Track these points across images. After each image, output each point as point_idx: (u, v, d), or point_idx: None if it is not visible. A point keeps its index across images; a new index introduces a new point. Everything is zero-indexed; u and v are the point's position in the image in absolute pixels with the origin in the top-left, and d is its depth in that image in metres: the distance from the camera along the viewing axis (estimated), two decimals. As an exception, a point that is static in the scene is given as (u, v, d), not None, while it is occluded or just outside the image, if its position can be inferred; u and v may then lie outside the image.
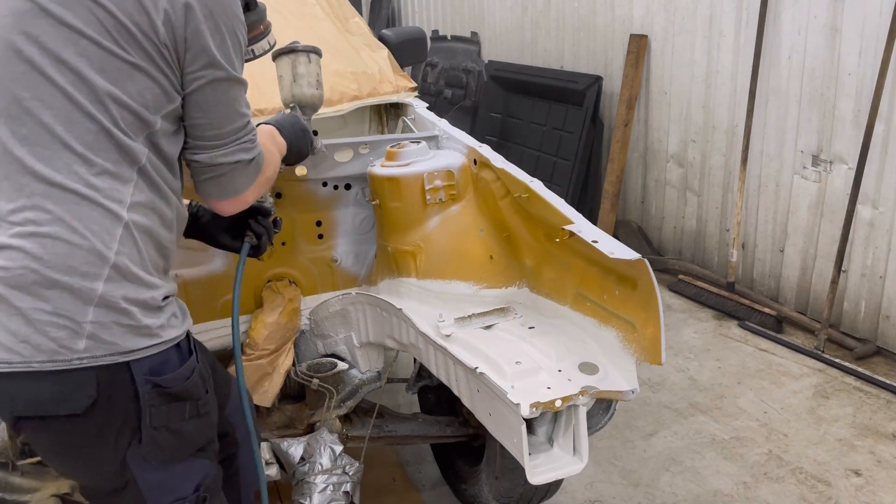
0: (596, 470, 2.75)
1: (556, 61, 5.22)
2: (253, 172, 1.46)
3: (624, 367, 1.59)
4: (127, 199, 1.27)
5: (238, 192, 1.45)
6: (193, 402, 1.37)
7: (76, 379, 1.23)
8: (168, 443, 1.34)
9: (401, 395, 2.98)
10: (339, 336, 2.15)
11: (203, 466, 1.42)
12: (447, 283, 1.95)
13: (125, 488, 1.35)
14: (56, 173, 1.22)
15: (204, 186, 1.44)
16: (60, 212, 1.22)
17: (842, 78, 3.34)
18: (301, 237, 2.15)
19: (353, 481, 2.02)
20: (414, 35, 3.05)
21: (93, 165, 1.24)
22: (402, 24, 7.52)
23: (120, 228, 1.26)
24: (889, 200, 3.26)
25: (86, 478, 1.38)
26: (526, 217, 1.88)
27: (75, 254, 1.22)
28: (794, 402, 3.14)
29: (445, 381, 1.78)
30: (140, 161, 1.29)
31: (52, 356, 1.21)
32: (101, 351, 1.23)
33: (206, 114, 1.36)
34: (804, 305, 3.76)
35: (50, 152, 1.23)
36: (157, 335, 1.30)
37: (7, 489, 1.84)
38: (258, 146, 1.46)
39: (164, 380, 1.31)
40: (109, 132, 1.25)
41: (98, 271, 1.23)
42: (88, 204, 1.23)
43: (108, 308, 1.24)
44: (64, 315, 1.21)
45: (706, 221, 4.29)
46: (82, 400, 1.24)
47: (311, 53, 1.89)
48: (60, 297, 1.21)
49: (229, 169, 1.41)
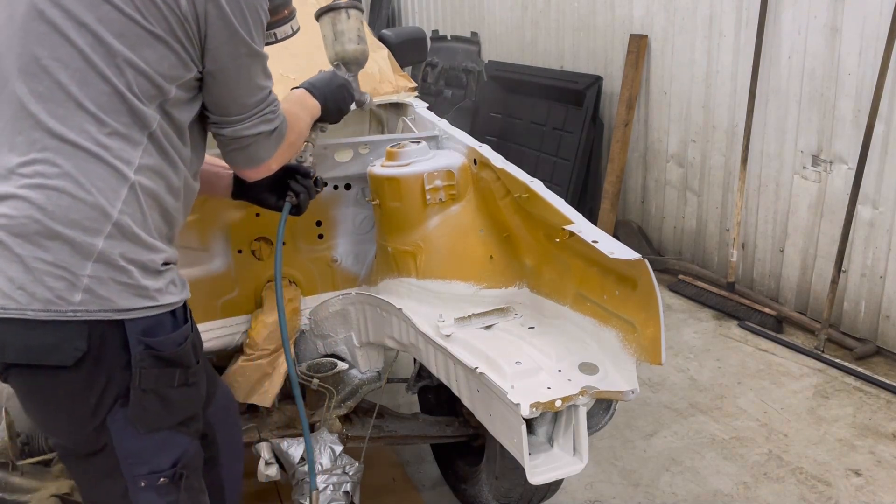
0: (596, 470, 2.75)
1: (556, 61, 5.22)
2: (275, 142, 1.52)
3: (624, 367, 1.59)
4: (135, 161, 1.30)
5: (262, 160, 1.53)
6: (183, 370, 1.38)
7: (68, 330, 1.25)
8: (154, 408, 1.35)
9: (401, 395, 2.98)
10: (339, 336, 2.15)
11: (183, 441, 1.42)
12: (447, 283, 1.95)
13: (101, 452, 1.35)
14: (68, 131, 1.25)
15: (230, 157, 1.52)
16: (69, 167, 1.25)
17: (842, 78, 3.34)
18: (301, 237, 2.15)
19: (353, 481, 2.02)
20: (414, 35, 3.05)
21: (104, 126, 1.27)
22: (402, 24, 7.52)
23: (125, 188, 1.28)
24: (889, 200, 3.26)
25: (64, 435, 1.39)
26: (526, 217, 1.87)
27: (79, 208, 1.24)
28: (794, 402, 3.14)
29: (445, 381, 1.78)
30: (151, 126, 1.32)
31: (48, 306, 1.23)
32: (95, 306, 1.25)
33: (227, 89, 1.41)
34: (804, 305, 3.76)
35: (64, 111, 1.26)
36: (154, 298, 1.32)
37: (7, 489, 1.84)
38: (279, 115, 1.52)
39: (156, 342, 1.32)
40: (123, 95, 1.28)
41: (100, 227, 1.26)
42: (97, 161, 1.26)
43: (107, 264, 1.26)
44: (63, 266, 1.23)
45: (706, 221, 4.29)
46: (72, 352, 1.25)
47: (351, 9, 1.90)
48: (61, 248, 1.24)
49: (252, 140, 1.48)
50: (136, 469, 1.37)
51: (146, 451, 1.37)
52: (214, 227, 2.02)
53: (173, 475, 1.40)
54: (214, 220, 2.01)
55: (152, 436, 1.37)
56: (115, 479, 1.37)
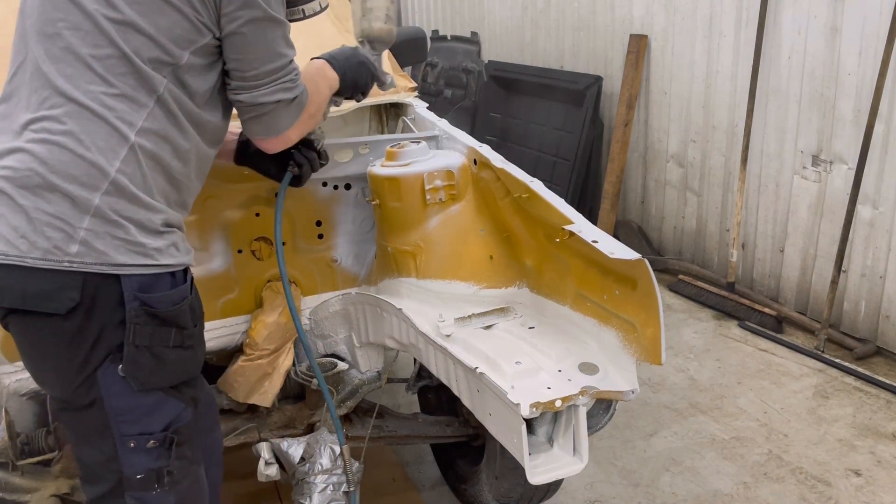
0: (596, 470, 2.75)
1: (556, 61, 5.22)
2: (295, 111, 1.52)
3: (624, 367, 1.59)
4: (138, 123, 1.33)
5: (280, 130, 1.53)
6: (179, 331, 1.40)
7: (63, 280, 1.29)
8: (148, 365, 1.37)
9: (401, 395, 2.98)
10: (339, 336, 2.15)
11: (176, 406, 1.43)
12: (447, 283, 1.95)
13: (91, 407, 1.37)
14: (75, 90, 1.30)
15: (248, 125, 1.52)
16: (73, 125, 1.29)
17: (842, 78, 3.34)
18: (301, 237, 2.15)
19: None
20: (414, 35, 3.05)
21: (111, 87, 1.31)
22: (402, 24, 7.52)
23: (125, 149, 1.32)
24: (889, 200, 3.26)
25: (54, 386, 1.41)
26: (526, 217, 1.87)
27: (78, 164, 1.29)
28: (794, 402, 3.14)
29: (445, 381, 1.78)
30: (158, 90, 1.35)
31: (46, 255, 1.27)
32: (91, 258, 1.29)
33: (245, 54, 1.41)
34: (804, 305, 3.76)
35: (73, 70, 1.31)
36: (152, 256, 1.35)
37: (7, 489, 1.84)
38: (300, 85, 1.51)
39: (151, 298, 1.34)
40: (130, 59, 1.32)
41: (97, 183, 1.30)
42: (99, 121, 1.30)
43: (103, 219, 1.30)
44: (61, 218, 1.28)
45: (706, 221, 4.29)
46: (65, 301, 1.29)
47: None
48: (61, 201, 1.28)
49: (271, 108, 1.48)
50: (125, 428, 1.38)
51: (137, 410, 1.38)
52: (214, 227, 2.02)
53: (164, 439, 1.41)
54: (214, 220, 2.01)
55: (145, 396, 1.38)
56: (104, 438, 1.39)
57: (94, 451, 1.42)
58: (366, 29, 1.87)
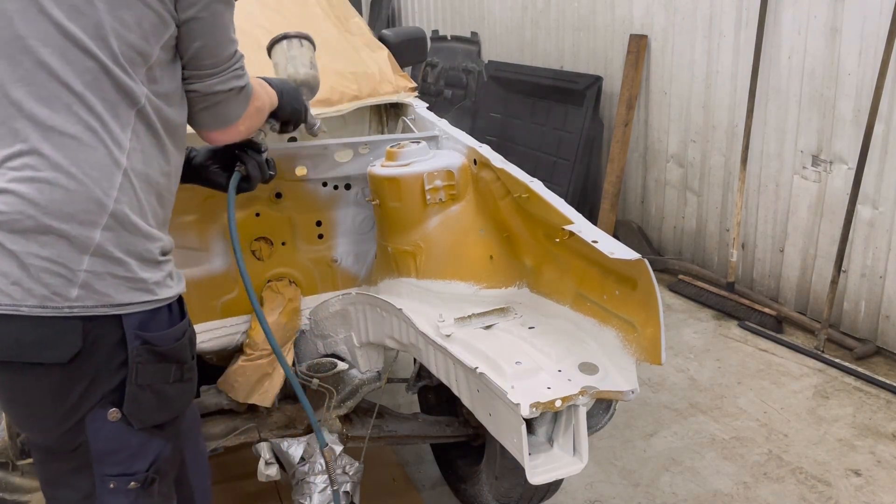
0: (596, 470, 2.75)
1: (556, 61, 5.22)
2: (244, 100, 1.46)
3: (624, 367, 1.59)
4: (126, 143, 1.25)
5: (230, 120, 1.46)
6: (179, 366, 1.34)
7: (63, 326, 1.21)
8: (150, 404, 1.32)
9: (401, 395, 2.98)
10: (339, 336, 2.15)
11: (158, 444, 1.37)
12: (447, 283, 1.95)
13: (75, 451, 1.31)
14: (54, 114, 1.20)
15: (199, 118, 1.43)
16: (59, 157, 1.19)
17: (842, 78, 3.34)
18: (301, 237, 2.15)
19: (353, 481, 2.02)
20: (414, 35, 3.05)
21: (92, 107, 1.21)
22: (402, 24, 7.52)
23: (119, 175, 1.23)
24: (889, 200, 3.26)
25: (39, 432, 1.34)
26: (526, 217, 1.87)
27: (74, 200, 1.19)
28: (794, 402, 3.14)
29: (445, 381, 1.78)
30: (139, 102, 1.26)
31: (44, 302, 1.19)
32: (92, 301, 1.22)
33: (203, 40, 1.34)
34: (804, 305, 3.76)
35: (48, 92, 1.20)
36: (152, 291, 1.29)
37: (7, 489, 1.84)
38: (246, 73, 1.45)
39: (154, 337, 1.28)
40: (108, 70, 1.22)
41: (96, 219, 1.21)
42: (87, 149, 1.21)
43: (105, 258, 1.22)
44: (59, 262, 1.19)
45: (706, 221, 4.29)
46: (66, 349, 1.22)
47: (303, 39, 1.91)
48: (57, 243, 1.19)
49: (224, 97, 1.41)
50: (108, 469, 1.32)
51: (122, 452, 1.33)
52: (214, 227, 2.02)
53: (145, 479, 1.35)
54: (214, 220, 2.01)
55: (132, 436, 1.32)
56: (82, 477, 1.33)
57: (69, 491, 1.35)
58: (291, 73, 1.87)
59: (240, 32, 1.44)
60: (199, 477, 1.67)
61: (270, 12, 2.54)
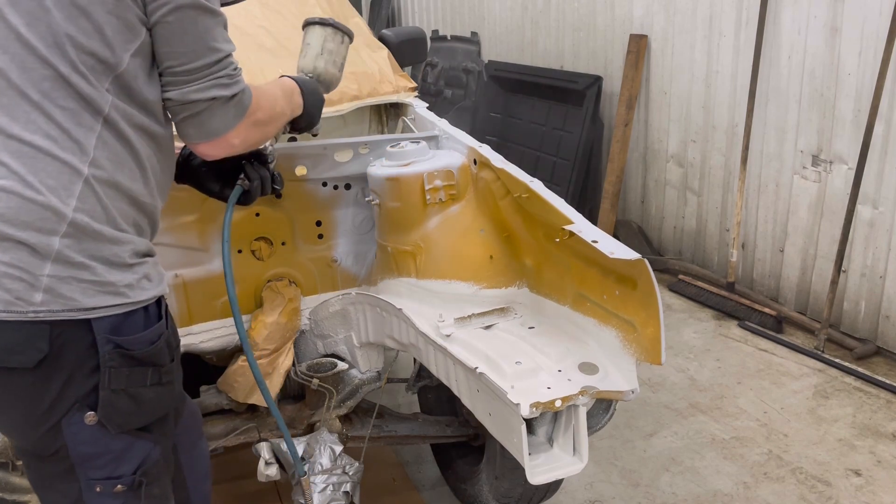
0: (596, 470, 2.75)
1: (556, 61, 5.22)
2: (234, 113, 1.35)
3: (624, 367, 1.59)
4: (90, 151, 1.22)
5: (218, 132, 1.35)
6: (156, 369, 1.31)
7: (28, 331, 1.20)
8: (126, 408, 1.29)
9: (401, 395, 2.98)
10: (339, 336, 2.15)
11: (145, 447, 1.35)
12: (447, 283, 1.95)
13: (55, 455, 1.30)
14: (14, 123, 1.18)
15: (182, 127, 1.35)
16: (17, 165, 1.18)
17: (842, 78, 3.34)
18: (301, 237, 2.15)
19: (353, 481, 2.02)
20: (414, 35, 3.04)
21: (51, 115, 1.19)
22: (402, 24, 7.52)
23: (79, 184, 1.21)
24: (889, 200, 3.26)
25: (17, 435, 1.33)
26: (526, 217, 1.87)
27: (30, 209, 1.18)
28: (794, 402, 3.14)
29: (445, 381, 1.78)
30: (103, 110, 1.23)
31: (8, 307, 1.18)
32: (58, 305, 1.20)
33: (171, 46, 1.27)
34: (804, 305, 3.76)
35: (7, 100, 1.18)
36: (123, 294, 1.25)
37: (7, 489, 1.84)
38: (240, 83, 1.35)
39: (126, 341, 1.26)
40: (67, 79, 1.19)
41: (54, 227, 1.19)
42: (45, 157, 1.19)
43: (66, 263, 1.20)
44: (19, 267, 1.18)
45: (706, 221, 4.29)
46: (32, 354, 1.20)
47: (346, 35, 1.83)
48: (16, 249, 1.18)
49: (205, 106, 1.32)
50: (92, 473, 1.31)
51: (105, 456, 1.31)
52: (214, 227, 2.02)
53: (132, 482, 1.33)
54: (214, 220, 2.01)
55: (112, 441, 1.30)
56: (69, 482, 1.31)
57: (58, 495, 1.34)
58: (318, 67, 1.79)
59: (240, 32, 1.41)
60: (197, 480, 1.66)
61: (270, 12, 2.54)
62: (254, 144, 1.49)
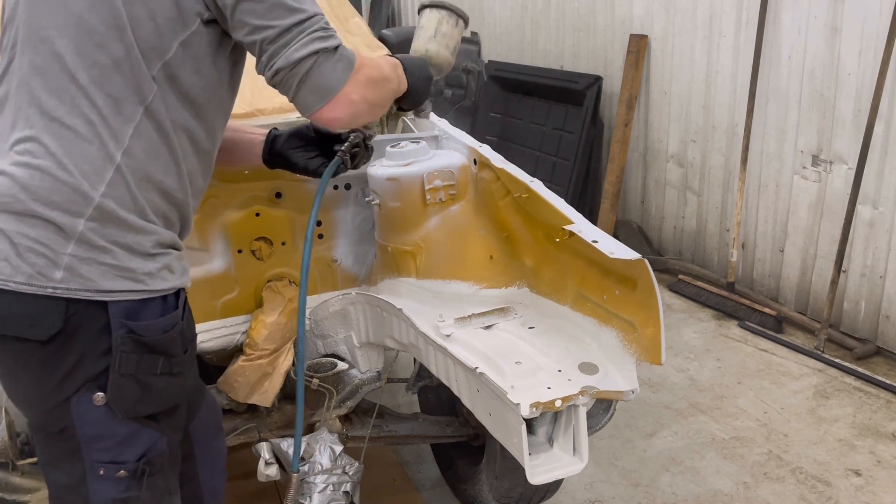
0: (596, 470, 2.75)
1: (556, 61, 5.22)
2: (343, 65, 1.32)
3: (624, 367, 1.59)
4: (125, 140, 1.26)
5: (334, 89, 1.32)
6: (168, 359, 1.33)
7: (46, 306, 1.24)
8: (134, 394, 1.31)
9: (401, 395, 2.98)
10: (339, 336, 2.15)
11: (151, 437, 1.36)
12: (447, 283, 1.95)
13: (63, 433, 1.32)
14: (60, 105, 1.24)
15: (300, 99, 1.33)
16: (55, 147, 1.23)
17: (842, 78, 3.34)
18: (301, 237, 2.14)
19: (353, 481, 2.02)
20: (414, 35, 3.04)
21: (94, 101, 1.24)
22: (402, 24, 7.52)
23: (111, 171, 1.25)
24: (889, 200, 3.26)
25: (27, 408, 1.37)
26: (526, 217, 1.87)
27: (61, 190, 1.23)
28: (794, 402, 3.14)
29: (445, 381, 1.78)
30: (147, 99, 1.27)
31: (30, 280, 1.23)
32: (76, 284, 1.24)
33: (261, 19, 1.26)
34: (804, 305, 3.76)
35: (58, 83, 1.24)
36: (142, 281, 1.28)
37: (7, 489, 1.84)
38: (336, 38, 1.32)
39: (139, 327, 1.28)
40: (118, 65, 1.24)
41: (81, 210, 1.24)
42: (82, 142, 1.24)
43: (88, 245, 1.24)
44: (44, 244, 1.23)
45: (706, 221, 4.29)
46: (46, 328, 1.24)
47: (461, 19, 1.81)
48: (44, 226, 1.23)
49: (312, 63, 1.29)
50: (97, 455, 1.33)
51: (110, 439, 1.33)
52: (214, 227, 2.02)
53: (135, 470, 1.35)
54: (214, 220, 2.01)
55: (119, 426, 1.32)
56: (74, 462, 1.34)
57: (62, 474, 1.37)
58: (431, 49, 1.79)
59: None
60: (212, 477, 1.66)
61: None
62: (374, 106, 1.45)
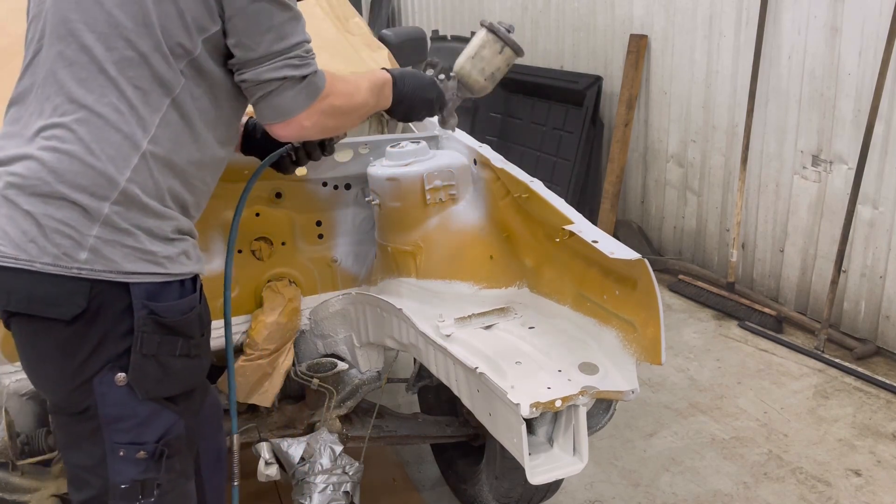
0: (596, 470, 2.75)
1: (556, 61, 5.22)
2: (305, 94, 1.41)
3: (624, 367, 1.59)
4: (151, 129, 1.32)
5: (290, 113, 1.41)
6: (186, 340, 1.39)
7: (71, 286, 1.28)
8: (154, 374, 1.36)
9: (401, 395, 2.98)
10: (339, 336, 2.15)
11: (169, 418, 1.41)
12: (447, 283, 1.95)
13: (85, 413, 1.36)
14: (89, 94, 1.29)
15: (258, 109, 1.43)
16: (84, 132, 1.28)
17: (842, 78, 3.34)
18: (301, 237, 2.15)
19: (353, 481, 2.02)
20: (414, 35, 3.05)
21: (123, 92, 1.30)
22: (402, 24, 7.52)
23: (136, 157, 1.31)
24: (889, 200, 3.26)
25: (49, 389, 1.41)
26: (526, 217, 1.88)
27: (87, 173, 1.28)
28: (794, 402, 3.14)
29: (445, 381, 1.78)
30: (174, 90, 1.33)
31: (56, 261, 1.27)
32: (100, 266, 1.29)
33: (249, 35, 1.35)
34: (804, 305, 3.76)
35: (87, 74, 1.29)
36: (161, 264, 1.34)
37: (7, 489, 1.84)
38: (313, 66, 1.41)
39: (160, 307, 1.34)
40: (147, 59, 1.30)
41: (107, 193, 1.29)
42: (110, 129, 1.29)
43: (113, 228, 1.29)
44: (70, 225, 1.27)
45: (706, 221, 4.29)
46: (71, 307, 1.29)
47: (508, 48, 1.80)
48: (70, 208, 1.27)
49: (277, 86, 1.39)
50: (117, 436, 1.37)
51: (131, 420, 1.37)
52: (214, 227, 2.02)
53: (154, 451, 1.39)
54: (214, 220, 2.01)
55: (140, 406, 1.36)
56: (94, 443, 1.37)
57: (83, 455, 1.40)
58: (465, 69, 1.81)
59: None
60: (213, 471, 1.69)
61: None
62: (328, 131, 1.53)
